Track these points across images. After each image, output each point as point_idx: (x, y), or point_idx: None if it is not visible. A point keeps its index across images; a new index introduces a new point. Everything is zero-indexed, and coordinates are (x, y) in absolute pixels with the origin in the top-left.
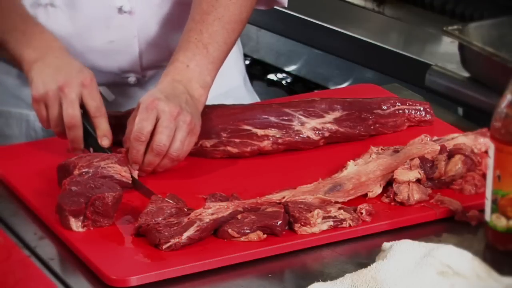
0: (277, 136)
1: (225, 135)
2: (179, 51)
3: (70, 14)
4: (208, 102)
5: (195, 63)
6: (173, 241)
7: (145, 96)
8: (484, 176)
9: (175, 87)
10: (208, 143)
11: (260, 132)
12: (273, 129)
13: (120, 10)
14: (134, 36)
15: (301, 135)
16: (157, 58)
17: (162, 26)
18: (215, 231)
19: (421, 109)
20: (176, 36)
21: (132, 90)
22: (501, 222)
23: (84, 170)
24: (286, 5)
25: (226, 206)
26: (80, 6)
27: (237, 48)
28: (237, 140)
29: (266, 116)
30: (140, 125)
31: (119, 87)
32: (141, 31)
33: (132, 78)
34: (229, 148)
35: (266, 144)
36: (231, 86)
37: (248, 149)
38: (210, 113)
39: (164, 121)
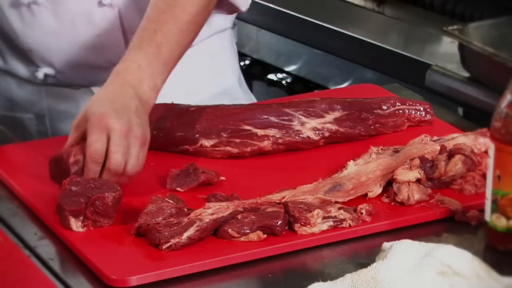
0: (277, 136)
1: (225, 135)
2: (132, 49)
3: (53, 10)
4: (204, 102)
5: (147, 63)
6: (173, 241)
7: (92, 109)
8: (484, 176)
9: (124, 92)
10: (208, 143)
11: (260, 132)
12: (273, 129)
13: (100, 3)
14: (118, 29)
15: (301, 135)
16: None
17: None
18: (215, 231)
19: (421, 109)
20: None
21: None
22: (501, 222)
23: (78, 157)
24: (244, 10)
25: (226, 206)
26: (63, 1)
27: (231, 49)
28: (237, 140)
29: (266, 116)
30: (94, 147)
31: None
32: (125, 24)
33: None
34: (229, 148)
35: (266, 144)
36: (226, 85)
37: (248, 149)
38: (210, 113)
39: (117, 140)
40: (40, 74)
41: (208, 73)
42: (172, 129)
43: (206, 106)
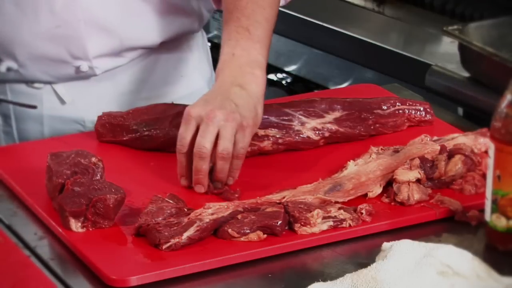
0: (277, 136)
1: None
2: (223, 45)
3: (16, 0)
4: None
5: (240, 48)
6: (173, 241)
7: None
8: (484, 176)
9: (222, 85)
10: None
11: (260, 132)
12: (273, 129)
13: None
14: (79, 20)
15: (301, 135)
16: (108, 46)
17: (108, 11)
18: (215, 231)
19: (421, 109)
20: (125, 23)
21: (90, 89)
22: (501, 222)
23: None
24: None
25: (226, 206)
26: None
27: (201, 52)
28: None
29: (266, 116)
30: (179, 137)
31: (76, 84)
32: (85, 15)
33: (84, 67)
34: None
35: (266, 144)
36: (193, 88)
37: (248, 149)
38: None
39: (202, 125)
40: (3, 67)
41: (175, 76)
42: (172, 129)
43: None
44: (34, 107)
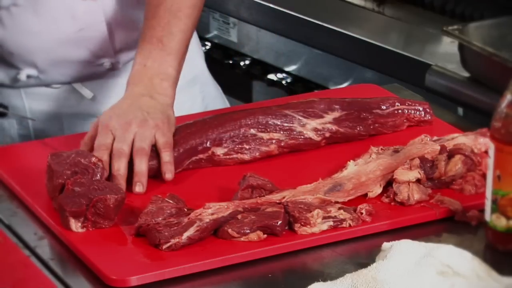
0: (281, 139)
1: (235, 141)
2: (137, 53)
3: (35, 10)
4: (178, 90)
5: (152, 60)
6: (173, 241)
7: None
8: (484, 176)
9: (132, 96)
10: (219, 151)
11: (264, 136)
12: (276, 132)
13: None
14: (102, 21)
15: (303, 137)
16: (129, 40)
17: (128, 7)
18: (215, 231)
19: (420, 109)
20: (142, 12)
21: (109, 84)
22: (501, 222)
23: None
24: None
25: (226, 206)
26: (44, 0)
27: (195, 35)
28: (247, 147)
29: (267, 118)
30: (98, 144)
31: (95, 80)
32: (107, 15)
33: (107, 63)
34: (240, 155)
35: (273, 148)
36: (196, 72)
37: (257, 154)
38: (210, 122)
39: (118, 134)
40: (22, 76)
41: None
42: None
43: (203, 116)
44: (32, 119)
